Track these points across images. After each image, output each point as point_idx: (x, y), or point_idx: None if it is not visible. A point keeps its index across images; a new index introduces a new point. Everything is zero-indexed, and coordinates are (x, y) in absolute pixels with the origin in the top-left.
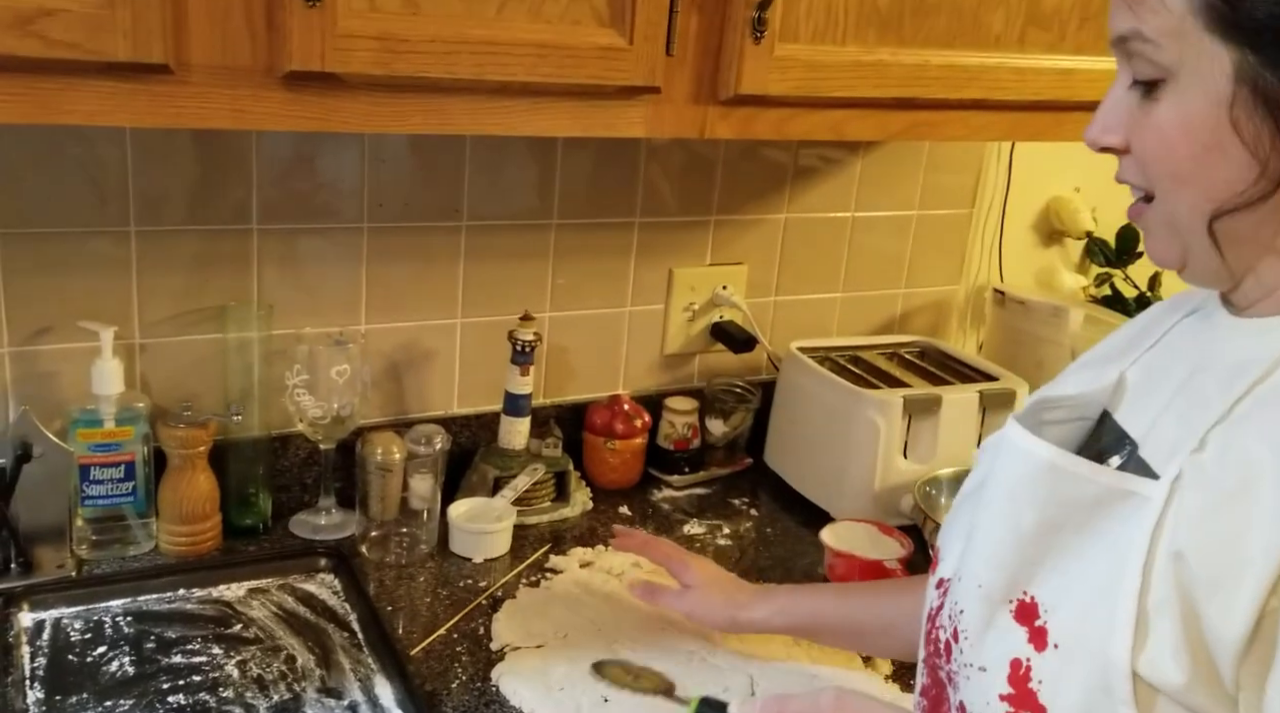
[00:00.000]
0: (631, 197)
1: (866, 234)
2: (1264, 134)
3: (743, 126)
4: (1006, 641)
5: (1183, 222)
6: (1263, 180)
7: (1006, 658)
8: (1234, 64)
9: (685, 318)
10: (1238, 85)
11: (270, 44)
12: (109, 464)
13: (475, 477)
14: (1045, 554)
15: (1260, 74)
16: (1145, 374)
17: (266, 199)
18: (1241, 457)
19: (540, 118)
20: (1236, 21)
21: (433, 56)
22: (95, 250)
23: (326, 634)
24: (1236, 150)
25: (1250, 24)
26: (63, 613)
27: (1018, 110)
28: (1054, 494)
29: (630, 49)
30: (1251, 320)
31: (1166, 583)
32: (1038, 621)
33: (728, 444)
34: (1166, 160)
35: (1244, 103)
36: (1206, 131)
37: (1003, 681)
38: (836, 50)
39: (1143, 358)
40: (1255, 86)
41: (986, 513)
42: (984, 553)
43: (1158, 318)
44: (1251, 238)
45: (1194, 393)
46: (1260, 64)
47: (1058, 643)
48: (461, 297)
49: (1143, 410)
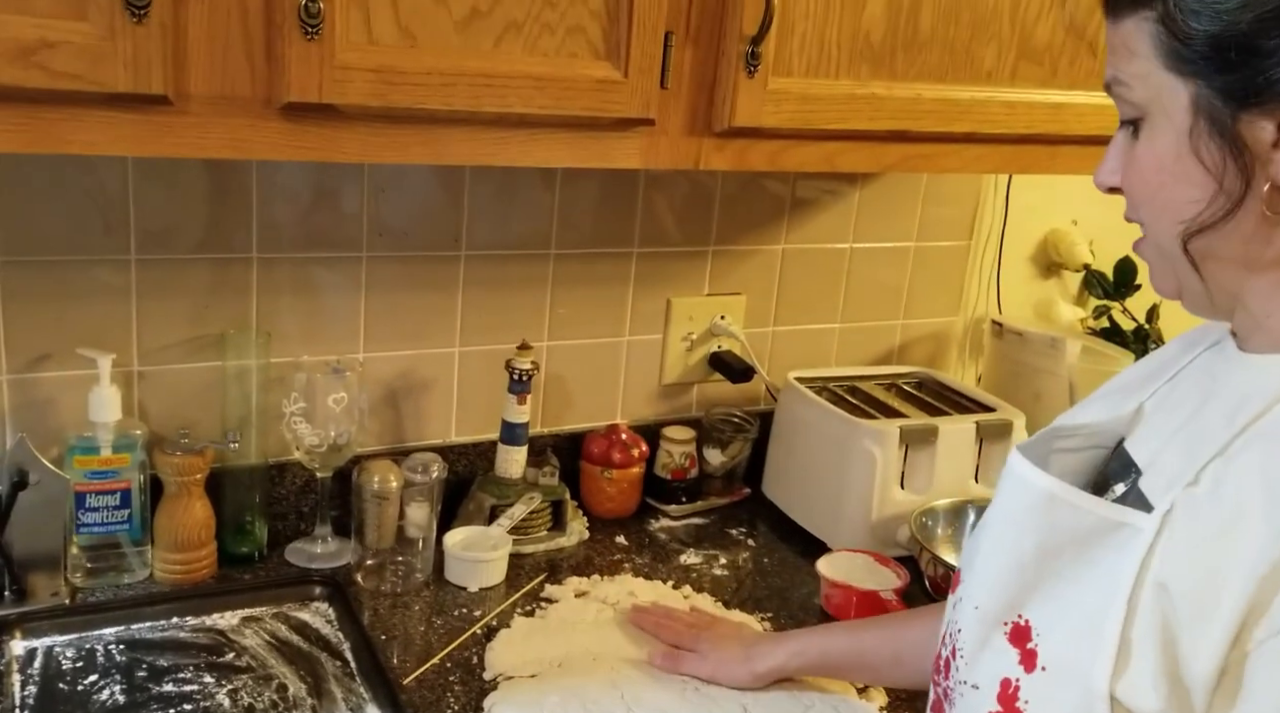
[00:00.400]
0: (630, 227)
1: (864, 265)
2: (1220, 157)
3: (737, 158)
4: (999, 661)
5: (1166, 249)
6: (1221, 197)
7: (997, 677)
8: (1190, 96)
9: (683, 348)
10: (1195, 116)
11: (269, 75)
12: (105, 491)
13: (472, 505)
14: (1041, 580)
15: (1212, 103)
16: (1160, 405)
17: (266, 228)
18: (1232, 492)
19: (537, 149)
20: (1187, 56)
21: (430, 88)
22: (95, 278)
23: (319, 663)
24: (1199, 175)
25: (1197, 56)
26: (55, 641)
27: (1011, 143)
28: (1051, 523)
29: (625, 82)
30: (1252, 356)
31: (1150, 613)
32: (1029, 643)
33: (725, 474)
34: (1142, 192)
35: (1201, 131)
36: (1172, 161)
37: (992, 698)
38: (830, 84)
39: (1161, 389)
40: (1210, 115)
41: (988, 538)
42: (983, 577)
43: (1180, 351)
44: (1225, 257)
45: (1199, 427)
46: (1211, 93)
47: (1045, 666)
48: (460, 325)
49: (1150, 440)
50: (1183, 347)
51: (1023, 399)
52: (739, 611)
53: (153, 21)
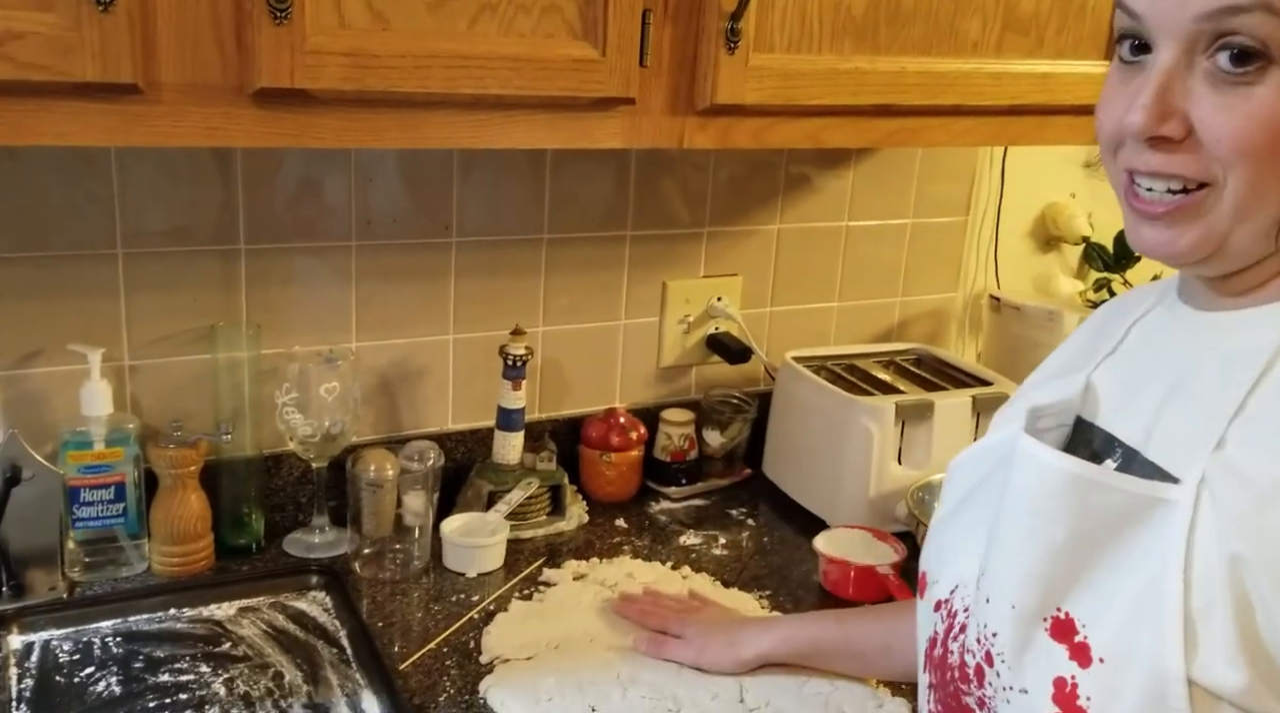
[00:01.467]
0: (623, 210)
1: (861, 243)
2: None
3: (721, 136)
4: (1047, 660)
5: (1252, 211)
6: None
7: (1049, 677)
8: None
9: (680, 330)
10: None
11: (240, 62)
12: (99, 486)
13: (470, 492)
14: (1077, 568)
15: None
16: (1117, 377)
17: (253, 219)
18: (1275, 450)
19: (516, 130)
20: None
21: (404, 71)
22: (83, 273)
23: (315, 651)
24: None
25: None
26: (52, 635)
27: (999, 115)
28: (1082, 507)
29: (603, 61)
30: (1235, 313)
31: (1215, 586)
32: (1076, 637)
33: (725, 455)
34: (1270, 149)
35: None
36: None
37: (1046, 700)
38: (812, 59)
39: (1105, 363)
40: None
41: (1010, 531)
42: (1014, 573)
43: (1108, 321)
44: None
45: (1193, 390)
46: None
47: (1103, 658)
48: (453, 313)
49: (1133, 414)
50: (1109, 315)
51: (1023, 373)
52: (738, 590)
53: (119, 10)
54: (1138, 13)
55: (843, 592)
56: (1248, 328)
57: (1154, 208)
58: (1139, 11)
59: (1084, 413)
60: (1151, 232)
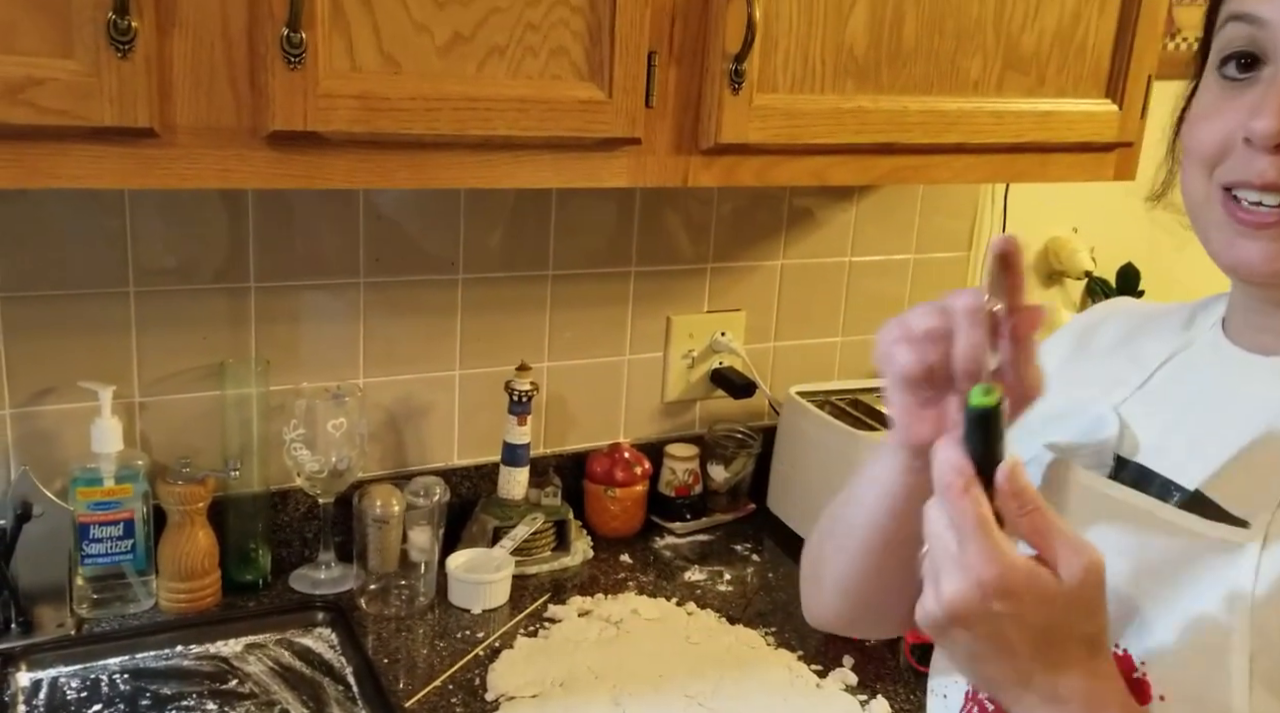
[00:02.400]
0: (627, 246)
1: (864, 278)
2: None
3: (726, 175)
4: None
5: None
6: None
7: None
8: None
9: (684, 365)
10: None
11: (254, 105)
12: (108, 522)
13: (475, 528)
14: (1138, 606)
15: None
16: (1159, 417)
17: (263, 256)
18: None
19: (523, 170)
20: None
21: (414, 114)
22: (95, 311)
23: (322, 688)
24: None
25: None
26: (60, 672)
27: (1001, 153)
28: (1145, 544)
29: (610, 102)
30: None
31: (1275, 630)
32: (1135, 673)
33: (730, 490)
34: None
35: None
36: None
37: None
38: (815, 99)
39: (1136, 397)
40: None
41: None
42: None
43: (1121, 346)
44: None
45: (1269, 436)
46: None
47: (1164, 695)
48: (460, 349)
49: (1187, 456)
50: (1120, 340)
51: None
52: (743, 626)
53: (138, 56)
54: (1266, 19)
55: None
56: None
57: (1265, 219)
58: (1268, 18)
59: (1122, 451)
60: (1256, 247)
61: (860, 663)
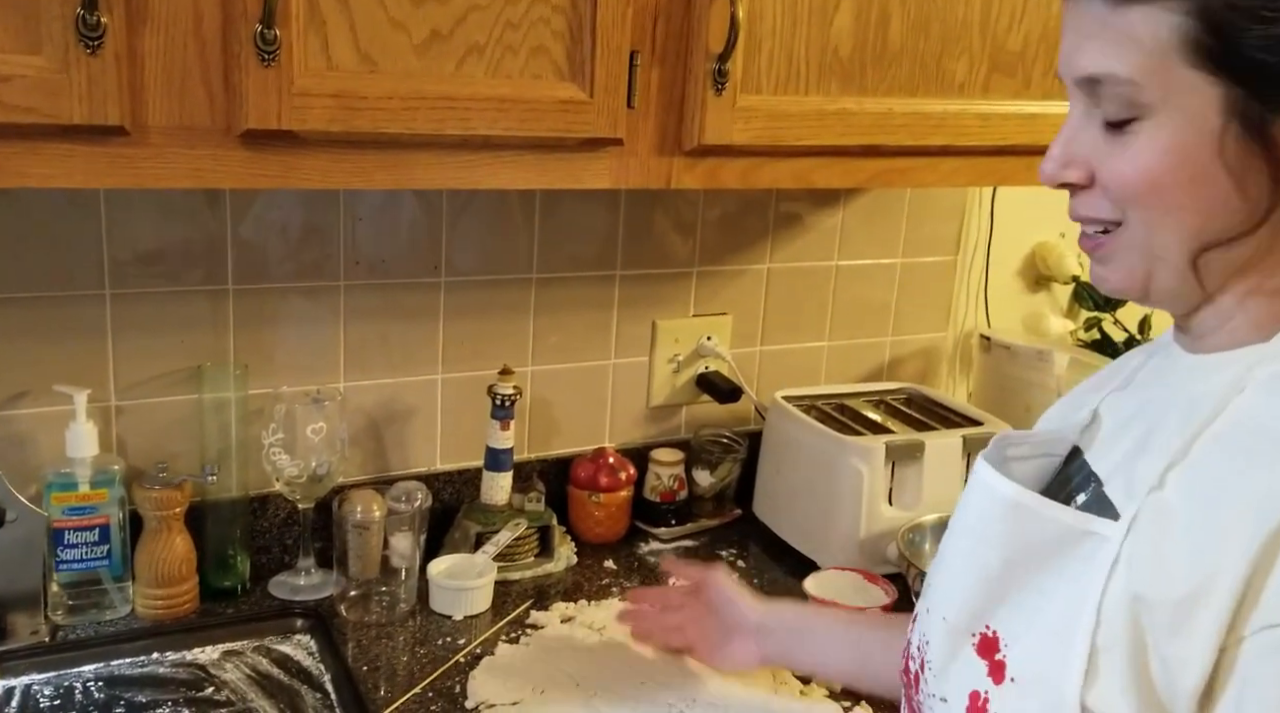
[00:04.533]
0: (612, 249)
1: (851, 283)
2: (1252, 166)
3: (709, 177)
4: (967, 673)
5: (1160, 249)
6: (1246, 205)
7: (966, 690)
8: (1222, 98)
9: (670, 370)
10: (1228, 119)
11: (228, 104)
12: (84, 528)
13: (458, 533)
14: (1008, 590)
15: (1250, 106)
16: (1113, 413)
17: (241, 259)
18: (1201, 498)
19: (503, 171)
20: (1226, 59)
21: (391, 113)
22: (70, 314)
23: (299, 696)
24: (1223, 181)
25: (1242, 61)
26: (33, 679)
27: (986, 156)
28: (1017, 532)
29: (591, 102)
30: (1206, 356)
31: (1120, 622)
32: (997, 654)
33: (715, 496)
34: (1150, 191)
35: (1235, 135)
36: (1193, 163)
37: (962, 711)
38: (799, 100)
39: (1110, 397)
40: (1245, 118)
41: (953, 549)
42: (950, 587)
43: (1129, 358)
44: (1226, 263)
45: (1158, 433)
46: (1250, 97)
47: (1014, 677)
48: (442, 353)
49: (1110, 450)
50: (1134, 353)
51: (1014, 413)
52: None
53: (107, 53)
54: (1059, 71)
55: None
56: (1208, 373)
57: (1088, 246)
58: (1059, 70)
59: (1081, 444)
60: (1099, 269)
61: None
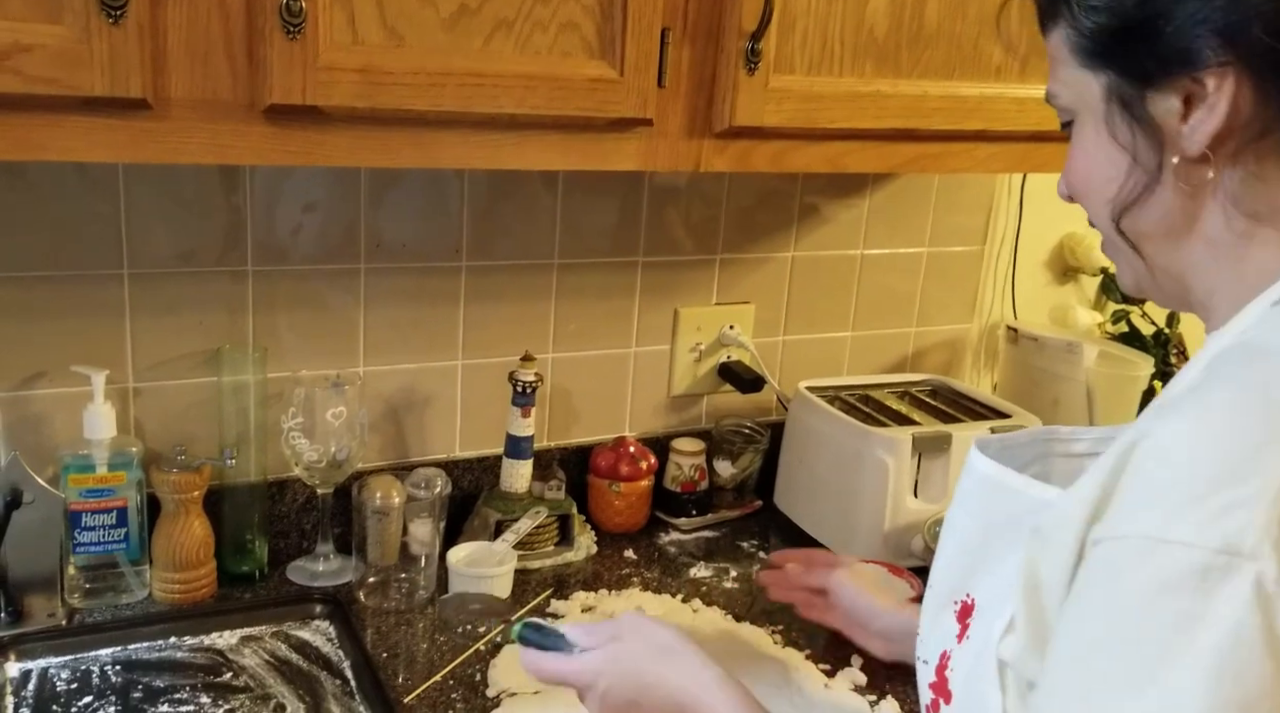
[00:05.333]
0: (635, 235)
1: (876, 272)
2: (1131, 134)
3: (739, 160)
4: (943, 636)
5: (1108, 236)
6: (1137, 171)
7: (939, 651)
8: (1102, 86)
9: (691, 358)
10: (1108, 103)
11: (251, 78)
12: (101, 510)
13: (477, 521)
14: (984, 560)
15: (1121, 88)
16: None
17: (261, 240)
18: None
19: (530, 151)
20: (1093, 49)
21: (417, 89)
22: (88, 294)
23: (319, 682)
24: (1117, 155)
25: (1100, 48)
26: (50, 663)
27: (1022, 142)
28: (990, 505)
29: (621, 80)
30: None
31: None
32: (969, 618)
33: (736, 486)
34: (1077, 187)
35: (1115, 115)
36: (1094, 149)
37: (934, 671)
38: (833, 82)
39: None
40: (1121, 99)
41: (946, 524)
42: (938, 558)
43: None
44: (1155, 234)
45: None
46: (1119, 79)
47: (970, 636)
48: (462, 338)
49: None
50: None
51: (1041, 406)
52: (750, 624)
53: (130, 23)
54: None
55: None
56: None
57: (1103, 251)
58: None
59: None
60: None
61: (870, 663)
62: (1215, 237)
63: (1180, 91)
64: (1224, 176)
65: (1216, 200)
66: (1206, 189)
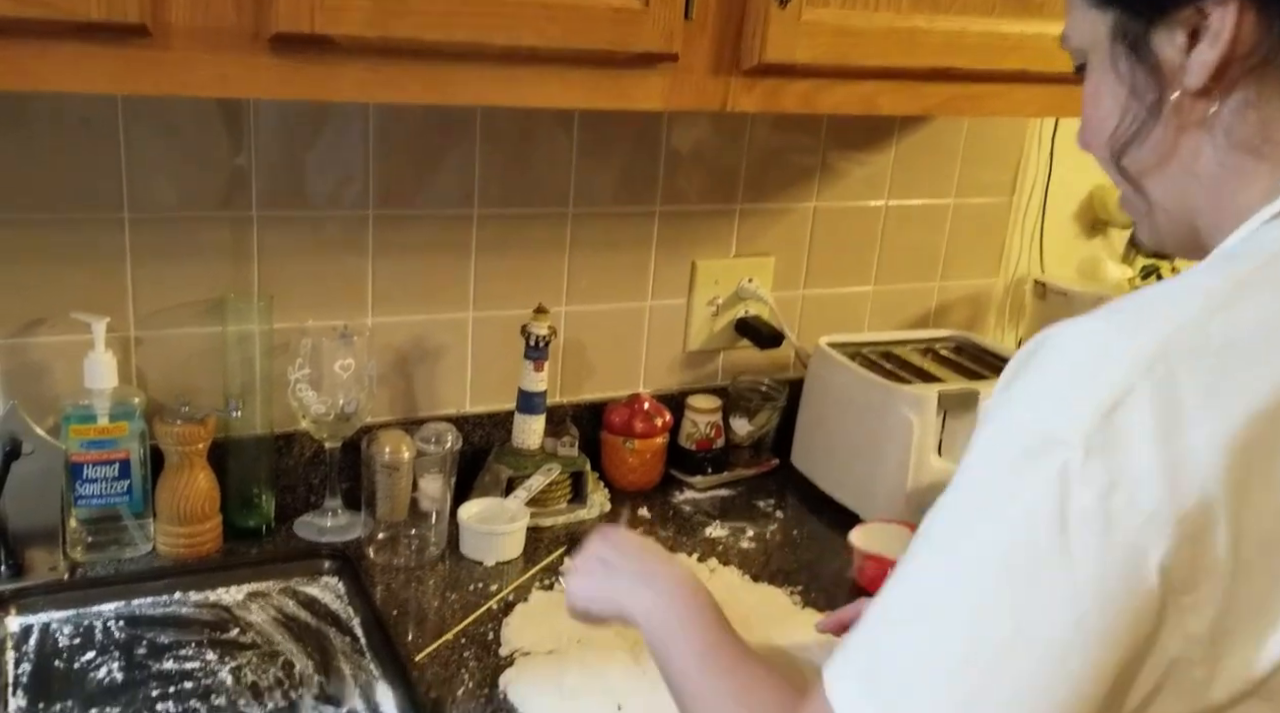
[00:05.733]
0: (652, 184)
1: (900, 224)
2: (1132, 69)
3: (768, 99)
4: None
5: (1112, 177)
6: (1135, 104)
7: None
8: (1109, 25)
9: (709, 313)
10: (1114, 41)
11: (256, 4)
12: (103, 462)
13: (488, 477)
14: None
15: (1127, 25)
16: None
17: (266, 185)
18: None
19: (549, 88)
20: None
21: (431, 17)
22: (88, 238)
23: (328, 639)
24: (1118, 89)
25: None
26: (52, 617)
27: (1062, 83)
28: None
29: (646, 11)
30: None
31: None
32: None
33: (753, 444)
34: (1084, 128)
35: (1120, 52)
36: (1101, 87)
37: None
38: (868, 16)
39: None
40: (1125, 36)
41: None
42: None
43: None
44: (1158, 173)
45: None
46: (1125, 16)
47: None
48: (473, 289)
49: None
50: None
51: None
52: (767, 584)
53: None
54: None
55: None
56: None
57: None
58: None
59: None
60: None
61: None
62: (1215, 173)
63: (1185, 25)
64: (1224, 110)
65: (1216, 135)
66: (1206, 124)
